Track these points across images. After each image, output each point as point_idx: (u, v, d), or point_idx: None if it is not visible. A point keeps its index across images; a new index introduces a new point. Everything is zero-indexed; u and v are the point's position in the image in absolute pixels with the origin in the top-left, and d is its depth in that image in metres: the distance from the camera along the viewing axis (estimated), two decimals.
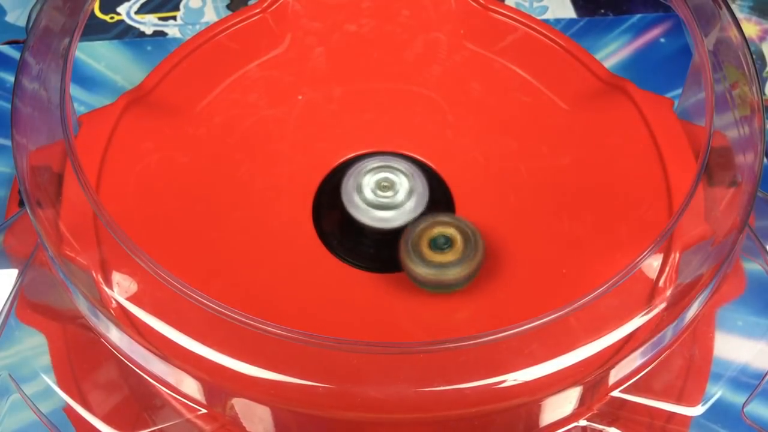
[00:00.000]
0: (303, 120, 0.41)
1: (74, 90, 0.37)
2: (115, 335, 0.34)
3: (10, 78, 0.49)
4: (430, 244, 0.36)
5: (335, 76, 0.43)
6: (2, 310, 0.37)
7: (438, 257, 0.36)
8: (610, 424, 0.36)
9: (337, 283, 0.37)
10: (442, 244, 0.36)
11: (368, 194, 0.38)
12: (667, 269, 0.35)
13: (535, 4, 0.54)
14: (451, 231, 0.36)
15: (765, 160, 0.36)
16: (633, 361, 0.33)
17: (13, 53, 0.52)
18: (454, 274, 0.35)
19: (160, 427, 0.37)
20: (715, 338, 0.40)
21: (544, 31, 0.44)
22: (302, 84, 0.42)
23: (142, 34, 0.53)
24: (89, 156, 0.38)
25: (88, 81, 0.50)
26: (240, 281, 0.37)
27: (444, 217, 0.37)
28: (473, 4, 0.44)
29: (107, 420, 0.36)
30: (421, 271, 0.35)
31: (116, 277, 0.34)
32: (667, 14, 0.53)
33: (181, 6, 0.54)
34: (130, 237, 0.33)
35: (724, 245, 0.34)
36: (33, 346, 0.38)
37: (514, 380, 0.32)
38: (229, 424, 0.35)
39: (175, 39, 0.52)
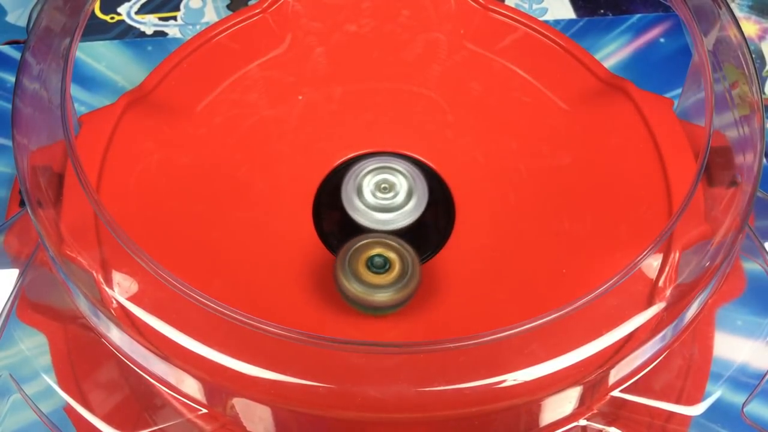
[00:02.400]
0: (303, 120, 0.41)
1: (75, 90, 0.37)
2: (116, 335, 0.34)
3: (11, 78, 0.50)
4: (366, 263, 0.35)
5: (335, 76, 0.43)
6: (3, 310, 0.37)
7: (372, 277, 0.35)
8: (610, 424, 0.36)
9: None
10: (379, 265, 0.35)
11: (368, 196, 0.38)
12: (667, 269, 0.35)
13: (535, 6, 0.54)
14: (391, 254, 0.35)
15: (765, 160, 0.36)
16: (633, 360, 0.33)
17: (14, 53, 0.52)
18: (383, 297, 0.35)
19: (160, 426, 0.37)
20: (715, 338, 0.40)
21: (544, 31, 0.44)
22: (302, 84, 0.42)
23: (143, 34, 0.53)
24: (90, 156, 0.38)
25: (89, 81, 0.50)
26: (240, 281, 0.37)
27: (388, 240, 0.36)
28: (473, 4, 0.44)
29: (108, 420, 0.36)
30: (351, 287, 0.35)
31: (117, 277, 0.34)
32: (666, 14, 0.53)
33: (182, 6, 0.54)
34: (131, 237, 0.33)
35: (724, 245, 0.34)
36: (34, 346, 0.38)
37: (514, 380, 0.32)
38: (230, 423, 0.35)
39: (175, 39, 0.52)
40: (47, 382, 0.37)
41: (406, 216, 0.38)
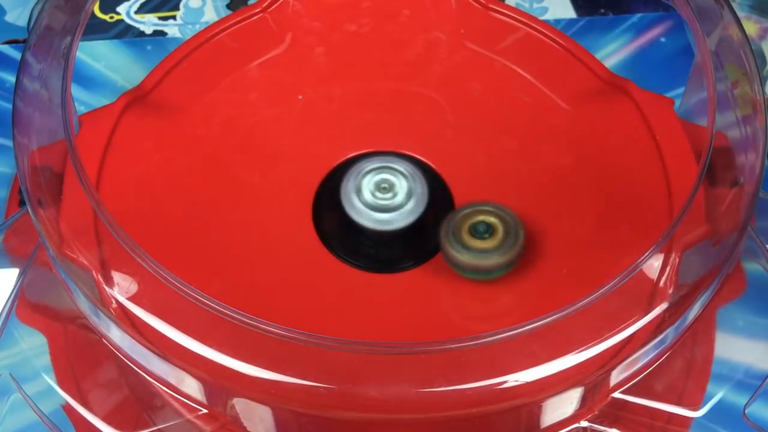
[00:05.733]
0: (303, 120, 0.41)
1: (74, 90, 0.37)
2: (116, 335, 0.34)
3: (11, 78, 0.49)
4: (470, 231, 0.36)
5: (335, 76, 0.43)
6: (3, 310, 0.37)
7: (478, 243, 0.36)
8: (611, 425, 0.36)
9: (337, 283, 0.37)
10: (482, 231, 0.36)
11: (368, 196, 0.38)
12: (668, 270, 0.35)
13: (535, 5, 0.54)
14: (492, 219, 0.37)
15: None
16: (634, 362, 0.33)
17: (13, 53, 0.52)
18: (493, 260, 0.36)
19: (160, 427, 0.37)
20: (716, 338, 0.40)
21: (545, 31, 0.44)
22: (302, 84, 0.42)
23: (142, 33, 0.53)
24: (89, 156, 0.38)
25: (88, 81, 0.50)
26: (240, 281, 0.37)
27: (486, 206, 0.37)
28: (473, 3, 0.44)
29: (108, 420, 0.36)
30: (461, 256, 0.36)
31: (117, 276, 0.34)
32: (667, 14, 0.53)
33: (181, 5, 0.54)
34: (131, 237, 0.33)
35: (726, 245, 0.34)
36: (34, 345, 0.38)
37: (516, 381, 0.32)
38: (230, 424, 0.35)
39: (175, 38, 0.52)
40: (47, 382, 0.37)
41: (405, 216, 0.38)
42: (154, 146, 0.40)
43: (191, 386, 0.34)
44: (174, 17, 0.54)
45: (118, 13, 0.54)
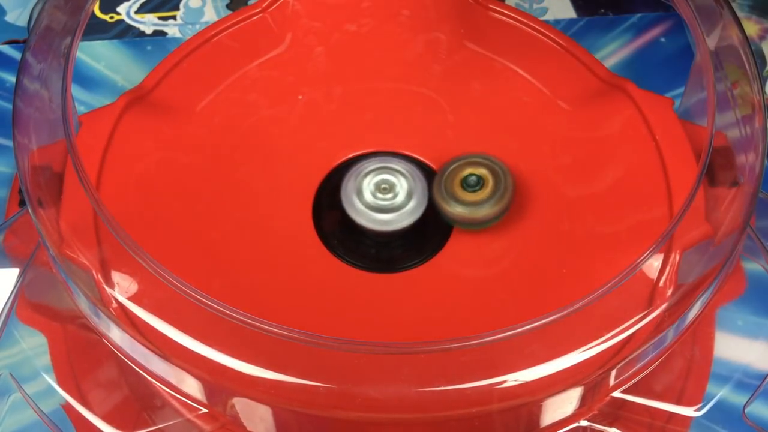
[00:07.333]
0: (303, 120, 0.41)
1: (74, 90, 0.37)
2: (116, 335, 0.34)
3: (11, 78, 0.49)
4: (461, 184, 0.37)
5: (335, 76, 0.43)
6: (3, 309, 0.37)
7: (469, 196, 0.37)
8: (610, 425, 0.36)
9: (338, 283, 0.37)
10: (473, 183, 0.37)
11: (368, 197, 0.38)
12: (668, 270, 0.35)
13: (535, 5, 0.54)
14: (482, 171, 0.37)
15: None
16: (634, 361, 0.33)
17: (13, 53, 0.52)
18: (485, 211, 0.37)
19: (160, 426, 0.37)
20: (716, 338, 0.40)
21: (545, 31, 0.44)
22: (302, 84, 0.42)
23: (142, 33, 0.53)
24: (89, 156, 0.38)
25: (88, 81, 0.50)
26: (240, 281, 0.37)
27: (475, 158, 0.38)
28: (473, 3, 0.44)
29: (108, 419, 0.36)
30: (453, 209, 0.37)
31: (117, 276, 0.34)
32: (667, 14, 0.53)
33: (181, 5, 0.54)
34: (131, 236, 0.33)
35: (726, 245, 0.34)
36: (34, 345, 0.38)
37: (515, 380, 0.32)
38: (230, 423, 0.35)
39: (175, 38, 0.52)
40: (47, 382, 0.37)
41: (406, 216, 0.38)
42: (154, 146, 0.40)
43: (191, 386, 0.34)
44: (174, 17, 0.54)
45: (118, 13, 0.54)
